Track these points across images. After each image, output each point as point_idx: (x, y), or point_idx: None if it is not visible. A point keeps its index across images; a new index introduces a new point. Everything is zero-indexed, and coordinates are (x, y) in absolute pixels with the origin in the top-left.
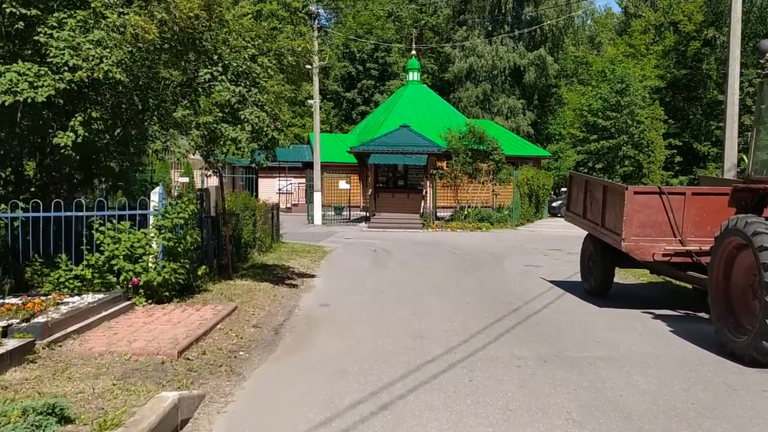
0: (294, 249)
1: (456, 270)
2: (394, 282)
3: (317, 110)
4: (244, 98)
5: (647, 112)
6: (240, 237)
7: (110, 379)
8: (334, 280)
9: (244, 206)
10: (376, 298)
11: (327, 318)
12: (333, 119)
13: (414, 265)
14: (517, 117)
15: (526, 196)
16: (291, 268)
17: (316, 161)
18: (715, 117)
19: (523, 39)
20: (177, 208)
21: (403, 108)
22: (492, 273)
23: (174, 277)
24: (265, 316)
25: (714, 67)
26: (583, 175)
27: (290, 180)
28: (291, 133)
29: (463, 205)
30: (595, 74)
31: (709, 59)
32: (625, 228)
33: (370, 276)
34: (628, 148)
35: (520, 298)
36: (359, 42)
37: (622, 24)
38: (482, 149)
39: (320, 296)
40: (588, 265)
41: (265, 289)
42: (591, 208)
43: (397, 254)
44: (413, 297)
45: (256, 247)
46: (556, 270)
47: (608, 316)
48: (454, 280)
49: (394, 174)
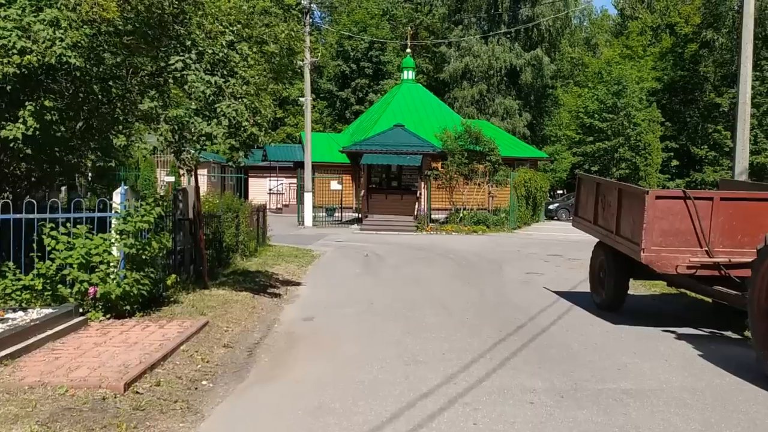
0: (281, 253)
1: (452, 278)
2: (386, 291)
3: (308, 108)
4: (220, 89)
5: (644, 114)
6: (222, 241)
7: (30, 425)
8: (321, 289)
9: (227, 207)
10: (365, 311)
11: (310, 335)
12: (326, 119)
13: (407, 272)
14: (513, 118)
15: (523, 198)
16: (275, 275)
17: (307, 161)
18: (712, 120)
19: (520, 39)
20: (141, 211)
21: (397, 107)
22: (491, 281)
23: (137, 289)
24: (239, 333)
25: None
26: (594, 177)
27: (281, 180)
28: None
29: (459, 207)
30: (592, 75)
31: (706, 61)
32: (645, 237)
33: (360, 284)
34: (625, 150)
35: (524, 311)
36: (353, 40)
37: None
38: (478, 150)
39: (304, 308)
40: (599, 276)
41: (244, 299)
42: (603, 213)
43: (389, 259)
44: (407, 310)
45: (239, 251)
46: (560, 278)
47: (625, 335)
48: (450, 289)
49: (388, 174)
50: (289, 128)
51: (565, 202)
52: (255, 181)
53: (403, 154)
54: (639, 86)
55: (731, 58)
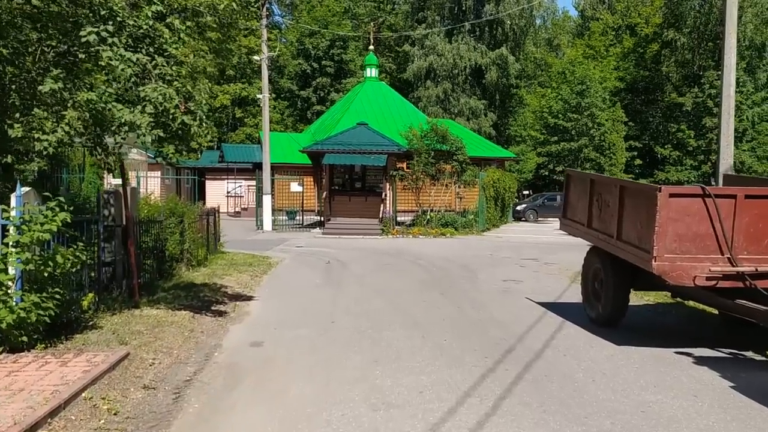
0: (233, 261)
1: (424, 287)
2: (349, 306)
3: (266, 105)
4: (145, 70)
5: (608, 114)
6: (163, 249)
7: None
8: (276, 304)
9: (170, 212)
10: (325, 333)
11: (255, 368)
12: (288, 119)
13: (374, 282)
14: (478, 118)
15: (492, 199)
16: (224, 288)
17: (266, 161)
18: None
19: (484, 38)
20: (39, 218)
21: (360, 105)
22: (467, 291)
23: (36, 314)
24: (168, 367)
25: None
26: (588, 174)
27: (240, 182)
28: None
29: (426, 209)
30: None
31: (668, 61)
32: (657, 242)
33: (320, 297)
34: (590, 150)
35: (509, 329)
36: (314, 38)
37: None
38: (445, 149)
39: (253, 329)
40: (593, 287)
41: (181, 320)
42: (600, 215)
43: (353, 266)
44: (374, 330)
45: (184, 260)
46: (540, 286)
47: (635, 360)
48: (423, 302)
49: (351, 175)
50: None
51: (532, 203)
52: (212, 184)
53: (367, 153)
54: (602, 86)
55: (693, 58)
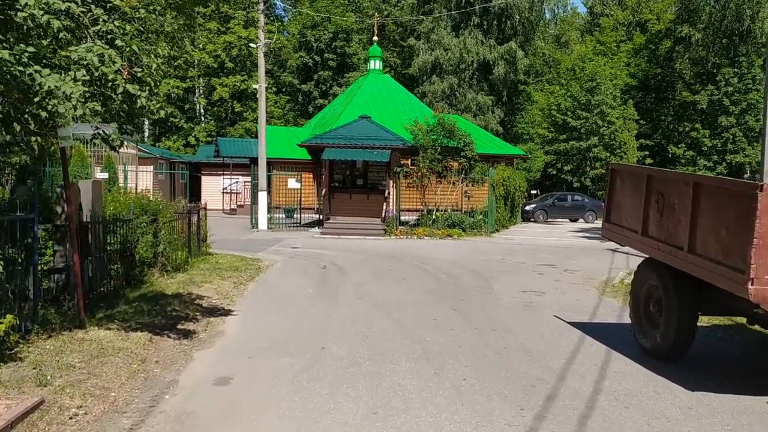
0: (218, 265)
1: (432, 300)
2: (345, 325)
3: (263, 95)
4: (79, 24)
5: (619, 112)
6: (132, 253)
7: None
8: (257, 321)
9: (141, 209)
10: (312, 364)
11: (214, 422)
12: (289, 114)
13: (375, 292)
14: (485, 114)
15: (501, 198)
16: (199, 299)
17: (261, 156)
18: (688, 118)
19: (492, 32)
20: None
21: (363, 99)
22: (483, 306)
23: None
24: (95, 420)
25: (687, 66)
26: (642, 168)
27: (237, 178)
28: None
29: (431, 208)
30: (564, 72)
31: (682, 58)
32: (756, 259)
33: (311, 312)
34: (600, 149)
35: (544, 363)
36: (316, 30)
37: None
38: (453, 146)
39: (223, 357)
40: (648, 309)
41: (133, 346)
42: (661, 220)
43: (352, 272)
44: (373, 363)
45: (157, 265)
46: (567, 300)
47: (723, 416)
48: (432, 321)
49: (352, 171)
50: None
51: (542, 202)
52: (208, 180)
53: (369, 148)
54: (613, 83)
55: (707, 55)
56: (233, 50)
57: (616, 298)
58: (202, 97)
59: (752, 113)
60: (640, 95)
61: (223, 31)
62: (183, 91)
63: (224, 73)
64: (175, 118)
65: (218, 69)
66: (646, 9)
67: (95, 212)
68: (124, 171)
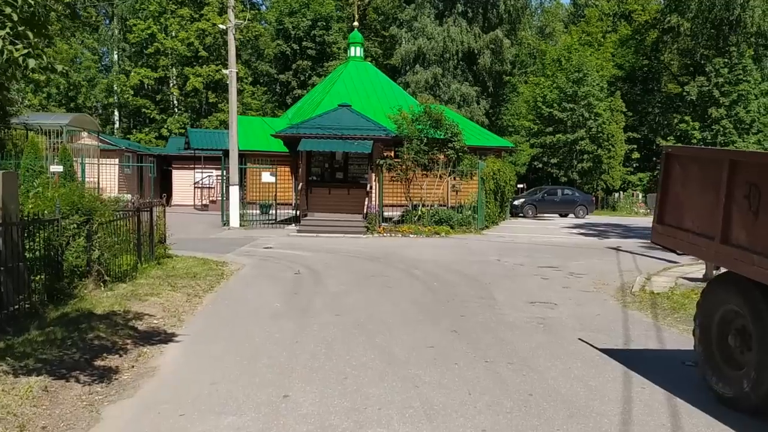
0: (173, 272)
1: (426, 317)
2: (316, 356)
3: (233, 81)
4: None
5: (606, 104)
6: (59, 261)
7: None
8: (203, 352)
9: (70, 207)
10: (268, 429)
11: None
12: (267, 106)
13: (355, 306)
14: (470, 105)
15: (491, 193)
16: (136, 320)
17: (233, 146)
18: (675, 110)
19: (477, 20)
20: None
21: (343, 87)
22: (489, 326)
23: None
24: None
25: (676, 57)
26: (718, 152)
27: (210, 172)
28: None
29: (416, 203)
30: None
31: (670, 48)
32: None
33: (274, 337)
34: (587, 142)
35: (593, 423)
36: (295, 17)
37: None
38: (440, 137)
39: (144, 417)
40: (725, 343)
41: (15, 402)
42: (756, 222)
43: (329, 279)
44: (352, 422)
45: (92, 275)
46: (586, 315)
47: None
48: (429, 350)
49: (332, 164)
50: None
51: (531, 197)
52: (180, 174)
53: (349, 139)
54: (599, 74)
55: (696, 45)
56: (207, 38)
57: (644, 311)
58: (175, 88)
59: (743, 104)
60: (626, 87)
61: (196, 18)
62: (155, 81)
63: (198, 63)
64: (147, 110)
65: (192, 58)
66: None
67: (8, 211)
68: (81, 163)
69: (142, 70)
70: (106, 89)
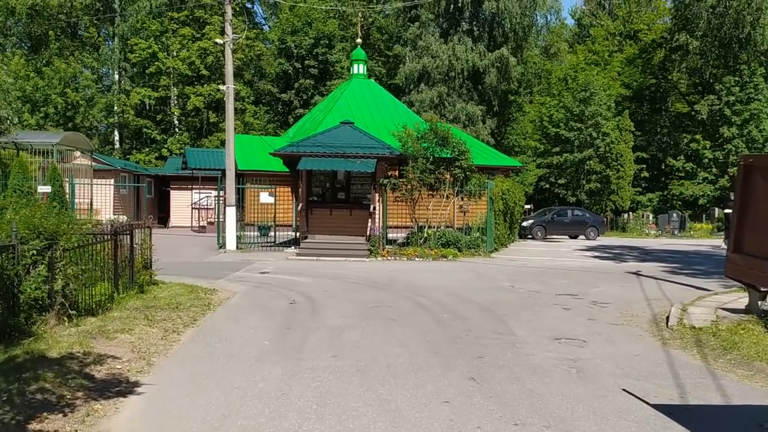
0: (155, 302)
1: (439, 361)
2: (306, 420)
3: (230, 98)
4: None
5: (614, 123)
6: (14, 293)
7: None
8: (168, 410)
9: (32, 231)
10: None
11: None
12: (269, 126)
13: (355, 345)
14: (476, 125)
15: (500, 213)
16: (97, 364)
17: (230, 166)
18: (684, 130)
19: (483, 39)
20: None
21: (345, 105)
22: (513, 371)
23: None
24: None
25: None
26: None
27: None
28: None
29: (422, 224)
30: (556, 82)
31: (678, 67)
32: None
33: (257, 389)
34: (595, 162)
35: None
36: (297, 36)
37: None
38: (446, 155)
39: None
40: None
41: None
42: None
43: (328, 311)
44: None
45: (55, 309)
46: (623, 354)
47: None
48: (444, 408)
49: (333, 184)
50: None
51: (540, 218)
52: (178, 194)
53: (352, 157)
54: (606, 93)
55: (705, 63)
56: (209, 57)
57: (688, 351)
58: (176, 108)
59: (755, 123)
60: (633, 106)
61: (198, 37)
62: (156, 101)
63: (200, 82)
64: (148, 129)
65: (193, 77)
66: (638, 19)
67: None
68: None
69: (143, 90)
70: (106, 109)
